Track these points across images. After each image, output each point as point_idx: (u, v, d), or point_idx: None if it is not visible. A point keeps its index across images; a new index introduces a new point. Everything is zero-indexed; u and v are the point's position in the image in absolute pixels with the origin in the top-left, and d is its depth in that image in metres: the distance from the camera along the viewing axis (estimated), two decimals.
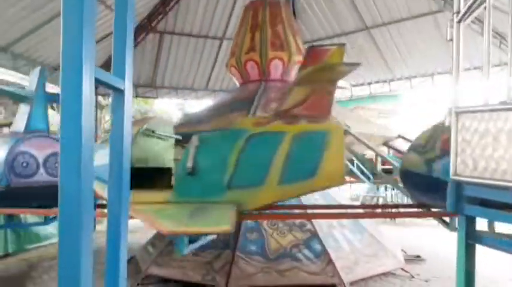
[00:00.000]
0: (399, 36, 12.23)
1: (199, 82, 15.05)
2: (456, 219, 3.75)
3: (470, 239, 2.13)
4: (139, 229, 11.43)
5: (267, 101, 7.00)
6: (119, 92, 1.20)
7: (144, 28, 12.44)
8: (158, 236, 7.83)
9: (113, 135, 1.21)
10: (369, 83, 14.33)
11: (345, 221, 7.11)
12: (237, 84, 8.59)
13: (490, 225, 2.56)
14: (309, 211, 6.15)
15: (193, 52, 13.85)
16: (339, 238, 7.05)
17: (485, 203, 2.13)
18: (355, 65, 3.71)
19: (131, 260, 7.70)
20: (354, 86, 14.72)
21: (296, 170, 3.50)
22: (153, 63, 13.80)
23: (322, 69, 3.74)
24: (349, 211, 6.11)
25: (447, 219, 4.04)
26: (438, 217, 3.56)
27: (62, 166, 0.97)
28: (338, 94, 15.09)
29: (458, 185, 2.17)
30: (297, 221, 6.52)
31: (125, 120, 1.21)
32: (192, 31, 13.29)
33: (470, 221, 2.16)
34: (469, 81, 10.61)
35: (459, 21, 2.20)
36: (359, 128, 6.97)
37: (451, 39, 2.23)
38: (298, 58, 7.89)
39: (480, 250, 2.36)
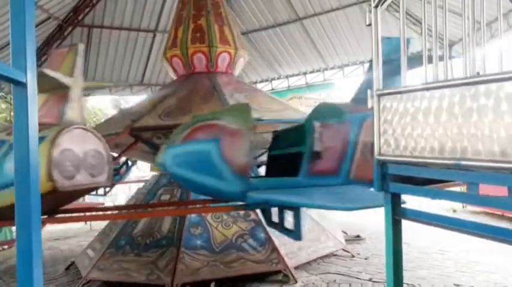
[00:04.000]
0: (330, 26, 12.58)
1: (134, 77, 14.54)
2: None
3: (396, 215, 2.24)
4: (81, 233, 10.92)
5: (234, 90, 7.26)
6: (20, 86, 1.09)
7: (70, 22, 11.75)
8: (99, 239, 7.52)
9: (17, 134, 1.11)
10: (304, 73, 14.65)
11: None
12: (173, 75, 8.45)
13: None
14: None
15: (125, 46, 13.33)
16: None
17: (408, 180, 2.26)
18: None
19: (71, 267, 7.35)
20: (290, 76, 14.99)
21: None
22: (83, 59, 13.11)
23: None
24: None
25: None
26: None
27: None
28: (275, 84, 15.33)
29: (383, 164, 2.28)
30: (241, 211, 6.54)
31: (29, 118, 1.11)
32: (123, 24, 12.77)
33: (396, 198, 2.27)
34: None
35: (376, 6, 2.29)
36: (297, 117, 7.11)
37: (370, 24, 2.32)
38: (243, 52, 8.07)
39: (415, 226, 2.48)
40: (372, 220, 9.84)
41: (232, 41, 7.92)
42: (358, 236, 8.83)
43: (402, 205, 2.24)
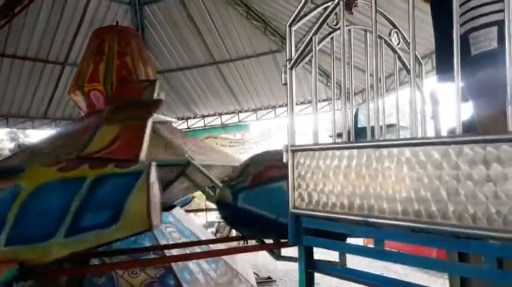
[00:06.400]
0: (244, 72, 13.12)
1: (37, 110, 13.52)
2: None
3: (309, 268, 2.30)
4: None
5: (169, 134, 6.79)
6: None
7: None
8: None
9: None
10: (220, 114, 14.91)
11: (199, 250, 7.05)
12: (82, 113, 8.04)
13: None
14: (167, 252, 5.90)
15: (28, 77, 12.41)
16: (194, 270, 6.93)
17: (321, 234, 2.35)
18: (160, 102, 3.74)
19: None
20: (206, 116, 15.13)
21: (91, 219, 2.98)
22: None
23: (134, 107, 3.56)
24: (210, 246, 6.08)
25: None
26: (282, 247, 3.80)
27: None
28: (191, 123, 15.36)
29: (297, 217, 2.35)
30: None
31: None
32: (28, 54, 11.94)
33: (309, 251, 2.34)
34: (303, 113, 11.96)
35: (291, 68, 2.43)
36: (211, 157, 7.10)
37: (286, 83, 2.45)
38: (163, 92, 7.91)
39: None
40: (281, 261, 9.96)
41: (135, 77, 7.72)
42: (269, 278, 8.88)
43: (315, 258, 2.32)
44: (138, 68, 7.63)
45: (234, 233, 11.67)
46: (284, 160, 2.40)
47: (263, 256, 11.52)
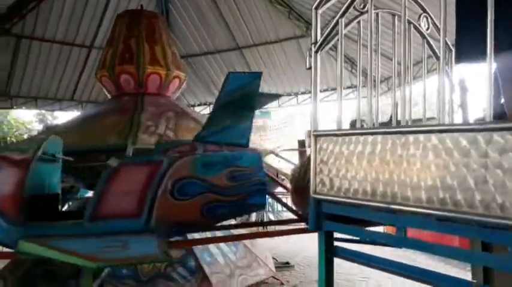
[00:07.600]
0: (268, 57, 13.00)
1: (64, 92, 13.82)
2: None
3: (329, 254, 2.31)
4: None
5: (152, 116, 6.75)
6: None
7: None
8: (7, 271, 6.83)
9: None
10: None
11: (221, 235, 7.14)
12: (108, 95, 8.16)
13: None
14: (189, 235, 5.99)
15: (56, 60, 12.66)
16: (214, 252, 7.05)
17: (341, 219, 2.34)
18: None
19: None
20: None
21: None
22: (7, 70, 12.23)
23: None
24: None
25: None
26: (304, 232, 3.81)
27: None
28: None
29: (319, 203, 2.34)
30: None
31: None
32: (56, 37, 12.15)
33: (329, 237, 2.34)
34: (327, 100, 11.80)
35: (316, 51, 2.40)
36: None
37: (310, 68, 2.42)
38: (177, 73, 7.90)
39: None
40: (301, 246, 10.03)
41: (164, 61, 7.75)
42: (287, 262, 8.93)
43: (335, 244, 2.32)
44: (143, 49, 7.56)
45: (253, 218, 11.78)
46: (306, 145, 2.39)
47: (282, 241, 11.59)
